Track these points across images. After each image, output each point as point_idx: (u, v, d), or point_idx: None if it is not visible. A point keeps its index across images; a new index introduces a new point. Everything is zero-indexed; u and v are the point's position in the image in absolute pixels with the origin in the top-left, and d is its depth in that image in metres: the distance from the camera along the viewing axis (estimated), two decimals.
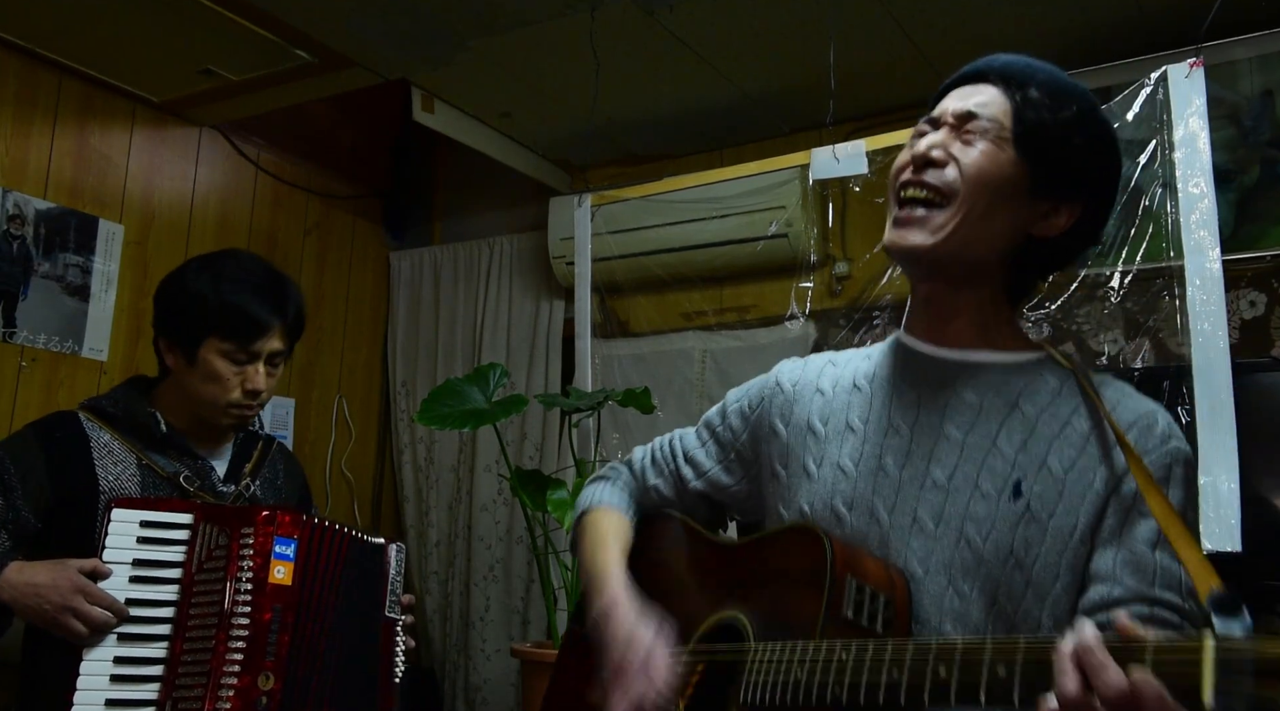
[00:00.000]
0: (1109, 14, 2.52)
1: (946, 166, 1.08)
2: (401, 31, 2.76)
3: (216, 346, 1.73)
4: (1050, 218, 1.09)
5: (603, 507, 1.35)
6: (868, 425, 1.13)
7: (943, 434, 1.08)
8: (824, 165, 2.64)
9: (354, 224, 3.90)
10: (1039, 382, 1.08)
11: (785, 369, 1.28)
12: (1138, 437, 1.02)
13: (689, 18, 2.66)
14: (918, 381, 1.13)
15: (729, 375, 3.25)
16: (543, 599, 3.19)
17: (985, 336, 1.12)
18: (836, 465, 1.13)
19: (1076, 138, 1.07)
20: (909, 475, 1.08)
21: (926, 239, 1.09)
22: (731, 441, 1.29)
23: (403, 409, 3.85)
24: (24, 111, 2.89)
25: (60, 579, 1.50)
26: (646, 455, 1.40)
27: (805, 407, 1.20)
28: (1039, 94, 1.08)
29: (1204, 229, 2.22)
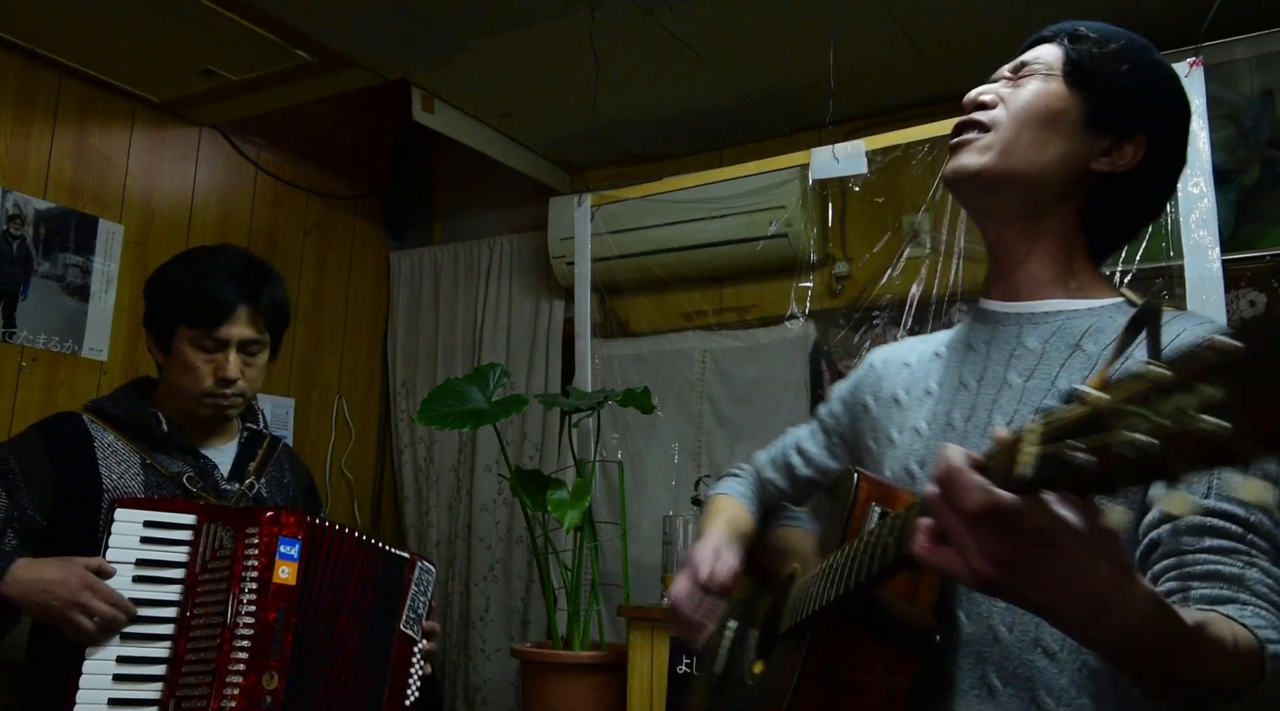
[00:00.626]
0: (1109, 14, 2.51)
1: (996, 107, 1.09)
2: (401, 31, 2.76)
3: (186, 335, 1.73)
4: (1112, 153, 1.07)
5: (720, 494, 1.42)
6: (942, 387, 1.14)
7: (1005, 382, 1.07)
8: (824, 165, 2.64)
9: (354, 224, 3.90)
10: (1106, 322, 1.06)
11: (878, 351, 1.31)
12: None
13: (689, 18, 2.66)
14: (989, 337, 1.12)
15: (729, 375, 3.25)
16: (543, 599, 3.19)
17: (1056, 284, 1.10)
18: (914, 429, 1.14)
19: (1126, 67, 1.07)
20: (974, 426, 1.07)
21: (974, 159, 1.08)
22: (835, 427, 1.31)
23: (403, 409, 3.85)
24: (24, 111, 2.89)
25: (69, 575, 1.50)
26: (766, 455, 1.44)
27: (892, 382, 1.22)
28: (1086, 33, 1.09)
29: (1204, 229, 2.22)
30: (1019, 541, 0.67)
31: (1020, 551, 0.68)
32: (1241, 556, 0.87)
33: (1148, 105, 1.08)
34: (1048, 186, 1.07)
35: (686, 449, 3.28)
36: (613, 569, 3.13)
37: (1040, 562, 0.68)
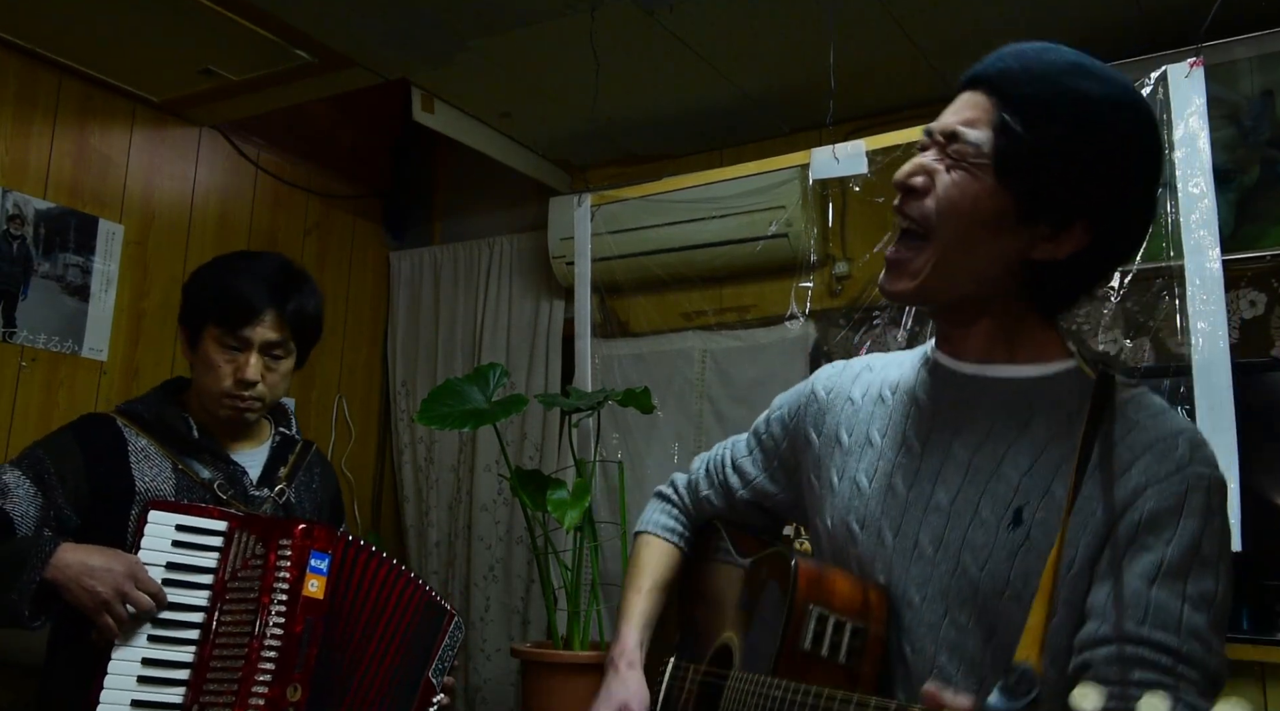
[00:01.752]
0: (1109, 14, 2.52)
1: (926, 196, 1.03)
2: (401, 31, 2.76)
3: (212, 333, 1.74)
4: (1054, 241, 1.00)
5: (648, 534, 1.40)
6: (885, 439, 1.11)
7: (951, 453, 1.04)
8: (824, 165, 2.64)
9: (354, 224, 3.90)
10: (1057, 401, 1.02)
11: (822, 376, 1.27)
12: (1150, 463, 0.95)
13: (689, 18, 2.66)
14: (936, 395, 1.09)
15: (729, 375, 3.25)
16: (543, 599, 3.19)
17: (1006, 349, 1.06)
18: (854, 480, 1.11)
19: (1059, 161, 0.97)
20: (915, 496, 1.05)
21: (908, 284, 1.05)
22: (774, 449, 1.28)
23: (403, 409, 3.85)
24: (24, 111, 2.89)
25: (114, 562, 1.51)
26: (703, 465, 1.41)
27: (835, 417, 1.18)
28: (1016, 112, 0.98)
29: (1204, 229, 2.22)
30: None
31: None
32: (1167, 690, 0.84)
33: (1090, 193, 0.98)
34: (986, 286, 1.03)
35: (686, 449, 3.28)
36: (613, 569, 3.13)
37: None
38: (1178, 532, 0.92)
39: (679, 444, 3.28)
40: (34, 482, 1.63)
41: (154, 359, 3.18)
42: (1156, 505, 0.93)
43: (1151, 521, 0.93)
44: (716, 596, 1.29)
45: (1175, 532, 0.92)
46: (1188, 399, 2.17)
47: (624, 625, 1.29)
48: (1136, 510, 0.93)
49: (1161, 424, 0.98)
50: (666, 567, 1.34)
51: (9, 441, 2.79)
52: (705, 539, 1.37)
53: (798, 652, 0.97)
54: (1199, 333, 2.16)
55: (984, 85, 1.03)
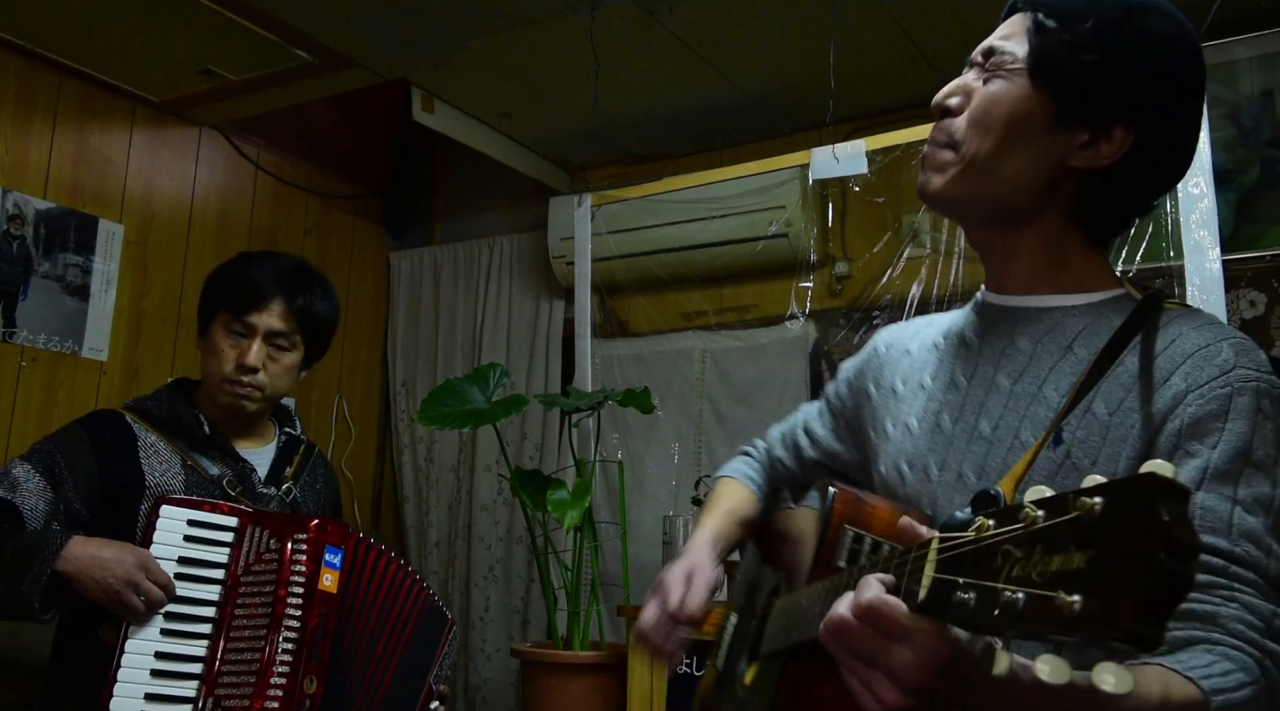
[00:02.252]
0: None
1: (960, 113, 1.03)
2: (401, 31, 2.76)
3: (221, 319, 1.76)
4: (1093, 147, 0.97)
5: (726, 477, 1.39)
6: (935, 382, 1.10)
7: (994, 384, 1.03)
8: (824, 165, 2.64)
9: (354, 224, 3.90)
10: (1101, 323, 0.99)
11: (884, 334, 1.27)
12: (1191, 369, 0.91)
13: (689, 18, 2.66)
14: (982, 332, 1.08)
15: (729, 375, 3.25)
16: (543, 599, 3.19)
17: (1050, 279, 1.04)
18: (906, 425, 1.11)
19: (1093, 55, 0.96)
20: (960, 429, 1.04)
21: (937, 181, 1.03)
22: (840, 410, 1.29)
23: (403, 409, 3.85)
24: (24, 111, 2.89)
25: (125, 553, 1.52)
26: (778, 429, 1.40)
27: (893, 369, 1.19)
28: (1049, 13, 0.99)
29: (1204, 229, 2.22)
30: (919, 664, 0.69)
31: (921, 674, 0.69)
32: (1220, 591, 0.83)
33: (1124, 92, 0.96)
34: (1022, 195, 1.00)
35: (686, 449, 3.28)
36: (613, 569, 3.13)
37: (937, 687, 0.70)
38: (1224, 436, 0.88)
39: (679, 444, 3.28)
40: (44, 477, 1.64)
41: (154, 359, 3.18)
42: (1199, 410, 0.89)
43: (1194, 426, 0.89)
44: (772, 553, 1.30)
45: (1221, 436, 0.88)
46: None
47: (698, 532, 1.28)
48: (1177, 417, 0.90)
49: (1205, 332, 0.94)
50: (742, 502, 1.34)
51: (9, 441, 2.79)
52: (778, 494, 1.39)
53: (832, 569, 0.96)
54: None
55: (1018, 7, 1.04)
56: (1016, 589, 0.55)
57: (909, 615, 0.67)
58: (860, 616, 0.70)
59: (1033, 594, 0.54)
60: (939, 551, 0.65)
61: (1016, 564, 0.57)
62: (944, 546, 0.64)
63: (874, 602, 0.69)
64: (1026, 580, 0.55)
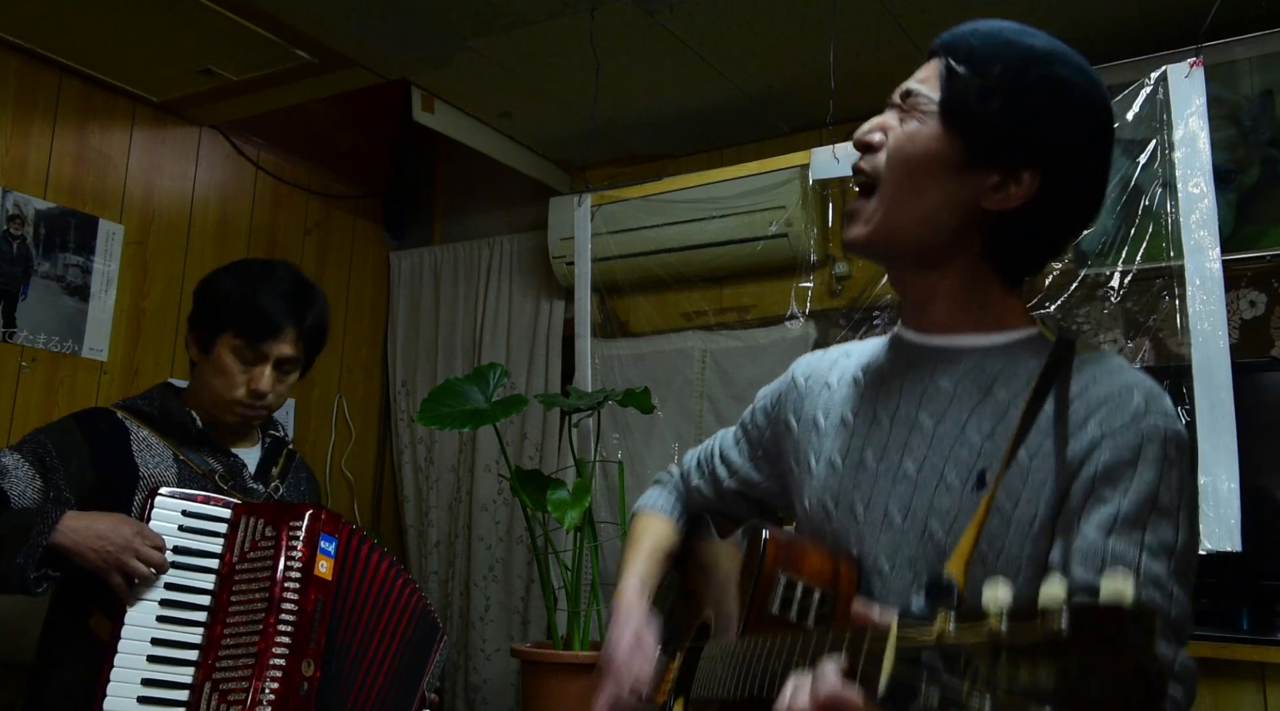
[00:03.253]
0: (1109, 14, 2.52)
1: (880, 150, 1.06)
2: (401, 31, 2.76)
3: (229, 342, 1.78)
4: (1003, 189, 1.00)
5: (645, 511, 1.41)
6: (857, 418, 1.12)
7: (916, 423, 1.05)
8: (824, 165, 2.64)
9: (354, 224, 3.90)
10: (1018, 365, 1.02)
11: (802, 364, 1.29)
12: (1105, 416, 0.95)
13: (689, 18, 2.66)
14: (902, 370, 1.10)
15: (729, 375, 3.25)
16: (543, 599, 3.19)
17: (968, 318, 1.06)
18: (829, 461, 1.12)
19: (999, 100, 1.00)
20: (884, 468, 1.05)
21: (861, 230, 1.06)
22: (759, 439, 1.30)
23: (403, 409, 3.85)
24: (24, 111, 2.89)
25: (120, 524, 1.55)
26: (694, 457, 1.43)
27: (813, 403, 1.20)
28: (959, 58, 1.04)
29: (1204, 229, 2.22)
30: None
31: None
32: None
33: (1032, 137, 1.00)
34: (937, 236, 1.03)
35: (686, 449, 3.27)
36: (613, 569, 3.13)
37: None
38: (1134, 483, 0.92)
39: (679, 444, 3.28)
40: (33, 465, 1.66)
41: (154, 359, 3.18)
42: (1112, 457, 0.93)
43: (1107, 473, 0.93)
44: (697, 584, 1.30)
45: (1131, 483, 0.92)
46: (1188, 399, 2.18)
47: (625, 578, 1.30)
48: (1092, 463, 0.93)
49: (1117, 378, 0.98)
50: (664, 536, 1.36)
51: (9, 442, 2.79)
52: (695, 529, 1.39)
53: (765, 617, 0.98)
54: (1199, 333, 2.16)
55: (935, 52, 1.10)
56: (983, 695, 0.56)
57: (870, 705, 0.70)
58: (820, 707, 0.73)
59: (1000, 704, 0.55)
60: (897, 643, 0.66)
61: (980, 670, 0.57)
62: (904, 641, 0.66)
63: (833, 695, 0.72)
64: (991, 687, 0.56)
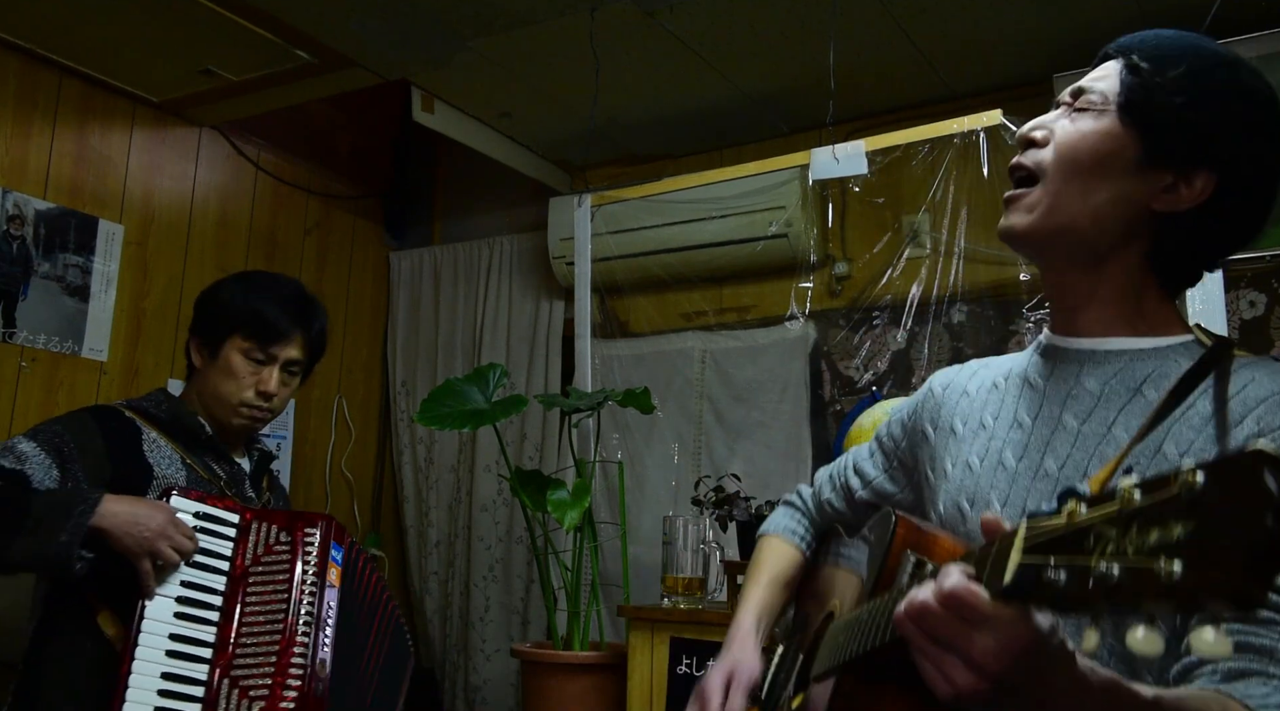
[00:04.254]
0: (1109, 14, 2.52)
1: (1045, 145, 1.04)
2: (401, 31, 2.76)
3: (238, 344, 1.84)
4: (1174, 191, 0.99)
5: (769, 535, 1.42)
6: (997, 421, 1.11)
7: (1060, 424, 1.04)
8: (824, 165, 2.64)
9: (354, 224, 3.90)
10: (1170, 366, 1.00)
11: (939, 376, 1.28)
12: (1264, 414, 0.92)
13: (689, 18, 2.66)
14: (1047, 374, 1.09)
15: (729, 375, 3.25)
16: (543, 599, 3.19)
17: (1122, 323, 1.05)
18: (966, 464, 1.11)
19: (1183, 98, 0.98)
20: (1024, 467, 1.04)
21: (1021, 218, 1.03)
22: (894, 450, 1.30)
23: (403, 409, 3.85)
24: (24, 111, 2.89)
25: (155, 510, 1.59)
26: (826, 473, 1.43)
27: (951, 410, 1.19)
28: (1142, 57, 1.01)
29: None
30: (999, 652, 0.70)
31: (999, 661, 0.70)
32: (1278, 627, 0.83)
33: (1211, 138, 0.98)
34: (1103, 234, 1.01)
35: (686, 449, 3.28)
36: (613, 569, 3.13)
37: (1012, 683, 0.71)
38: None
39: (679, 444, 3.28)
40: (50, 454, 1.67)
41: (154, 359, 3.18)
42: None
43: None
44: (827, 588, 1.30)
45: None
46: None
47: (741, 611, 1.31)
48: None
49: (1277, 379, 0.96)
50: (786, 564, 1.37)
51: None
52: (824, 543, 1.40)
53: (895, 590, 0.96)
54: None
55: (1109, 54, 1.07)
56: (1111, 562, 0.55)
57: (991, 602, 0.68)
58: (942, 602, 0.70)
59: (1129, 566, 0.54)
60: (1026, 538, 0.65)
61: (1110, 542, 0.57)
62: (1032, 532, 0.64)
63: (956, 588, 0.69)
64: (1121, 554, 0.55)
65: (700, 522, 2.70)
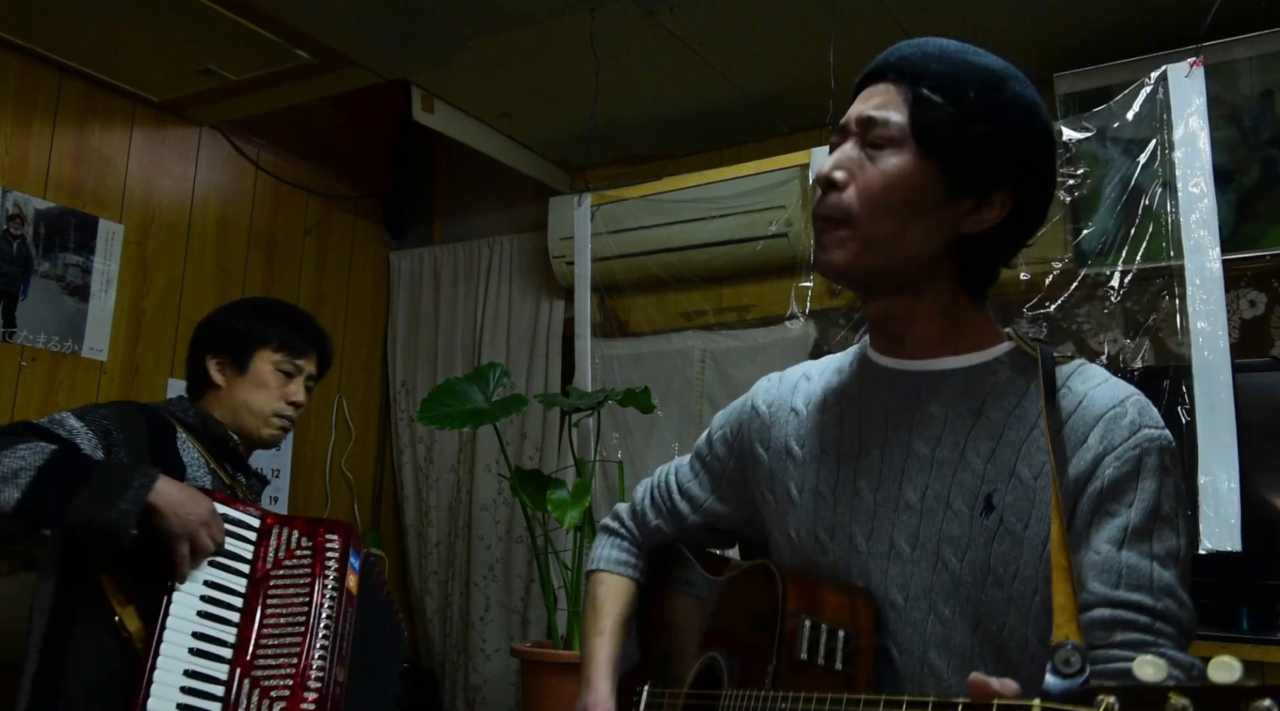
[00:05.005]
0: (1109, 14, 2.52)
1: (847, 188, 1.03)
2: (401, 31, 2.76)
3: (269, 357, 1.93)
4: (978, 212, 1.02)
5: (602, 571, 1.38)
6: (841, 447, 1.10)
7: (912, 451, 1.04)
8: None
9: (354, 224, 3.90)
10: (1005, 383, 1.03)
11: (761, 390, 1.27)
12: (1104, 432, 0.97)
13: (689, 18, 2.66)
14: (884, 397, 1.09)
15: (729, 375, 3.25)
16: (543, 599, 3.19)
17: (947, 341, 1.07)
18: (815, 490, 1.11)
19: (979, 126, 1.00)
20: (882, 498, 1.05)
21: (838, 254, 1.04)
22: (721, 470, 1.28)
23: (403, 409, 3.85)
24: (24, 111, 2.89)
25: (201, 498, 1.64)
26: (646, 495, 1.39)
27: (782, 429, 1.18)
28: (931, 87, 1.00)
29: (1204, 229, 2.22)
30: None
31: None
32: (1149, 647, 0.89)
33: (1009, 158, 1.01)
34: (919, 266, 1.03)
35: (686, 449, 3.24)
36: None
37: None
38: (1138, 495, 0.95)
39: (679, 444, 3.28)
40: (98, 435, 1.71)
41: (154, 359, 3.18)
42: (1116, 472, 0.96)
43: (1113, 488, 0.95)
44: (686, 620, 1.28)
45: (1135, 496, 0.95)
46: (1188, 399, 2.17)
47: (592, 672, 1.30)
48: (1098, 479, 0.96)
49: (1107, 392, 1.00)
50: (625, 603, 1.34)
51: None
52: (666, 563, 1.36)
53: (795, 663, 0.97)
54: (1199, 332, 2.16)
55: (885, 76, 1.05)
56: None
57: None
58: None
59: None
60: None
61: None
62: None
63: None
64: None
65: None
